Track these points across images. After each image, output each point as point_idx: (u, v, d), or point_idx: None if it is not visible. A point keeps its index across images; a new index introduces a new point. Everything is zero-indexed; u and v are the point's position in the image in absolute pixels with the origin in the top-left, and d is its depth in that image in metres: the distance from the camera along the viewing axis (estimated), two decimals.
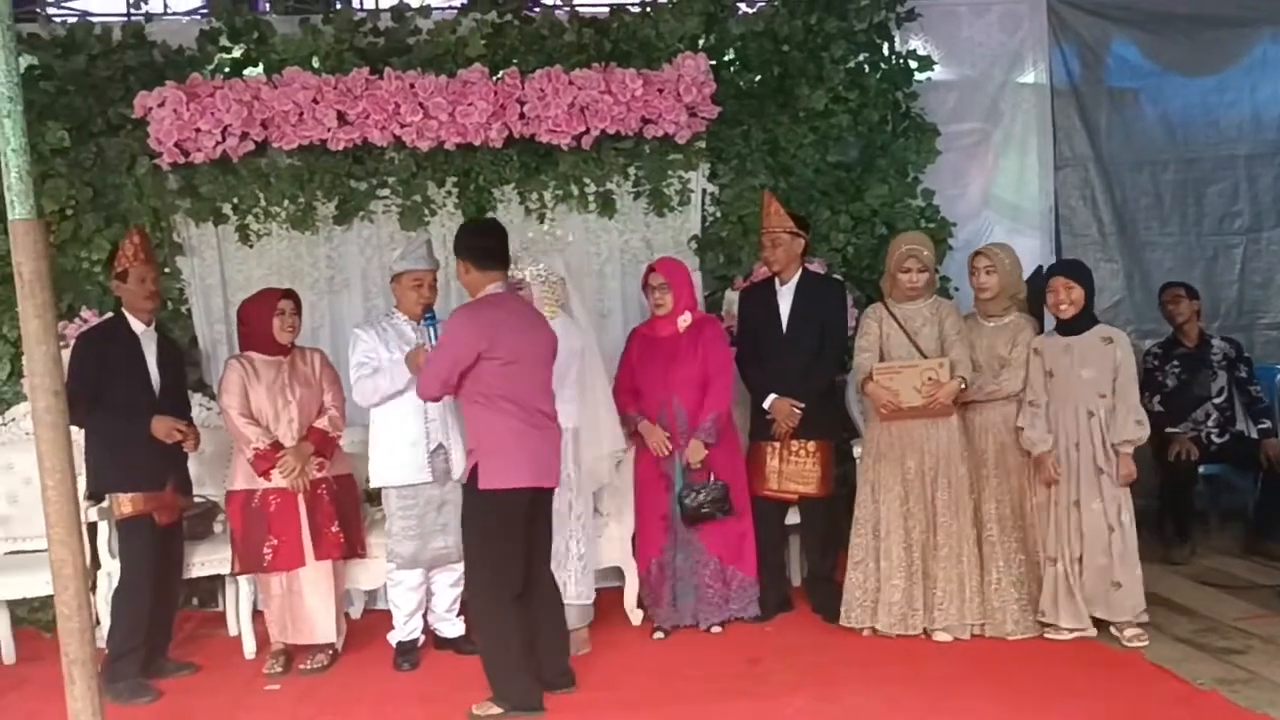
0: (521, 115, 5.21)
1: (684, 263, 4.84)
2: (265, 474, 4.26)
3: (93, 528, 4.38)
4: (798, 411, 4.54)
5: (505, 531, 3.76)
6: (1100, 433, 4.16)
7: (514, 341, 3.75)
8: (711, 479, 4.46)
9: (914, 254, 4.38)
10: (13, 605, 4.90)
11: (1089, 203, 6.45)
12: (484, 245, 3.90)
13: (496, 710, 3.76)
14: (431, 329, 4.36)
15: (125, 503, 4.17)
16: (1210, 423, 5.63)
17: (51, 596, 4.70)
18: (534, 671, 3.89)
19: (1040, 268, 5.39)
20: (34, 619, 5.07)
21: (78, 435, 4.27)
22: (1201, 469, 5.65)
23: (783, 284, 4.70)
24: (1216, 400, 5.66)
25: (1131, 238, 6.47)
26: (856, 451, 4.79)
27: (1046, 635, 4.21)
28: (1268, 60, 6.55)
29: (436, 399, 3.98)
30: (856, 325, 4.70)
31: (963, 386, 4.28)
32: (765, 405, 4.62)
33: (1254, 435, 5.60)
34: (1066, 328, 4.27)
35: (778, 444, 4.60)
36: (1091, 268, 6.26)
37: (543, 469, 3.84)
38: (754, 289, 4.91)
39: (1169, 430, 5.57)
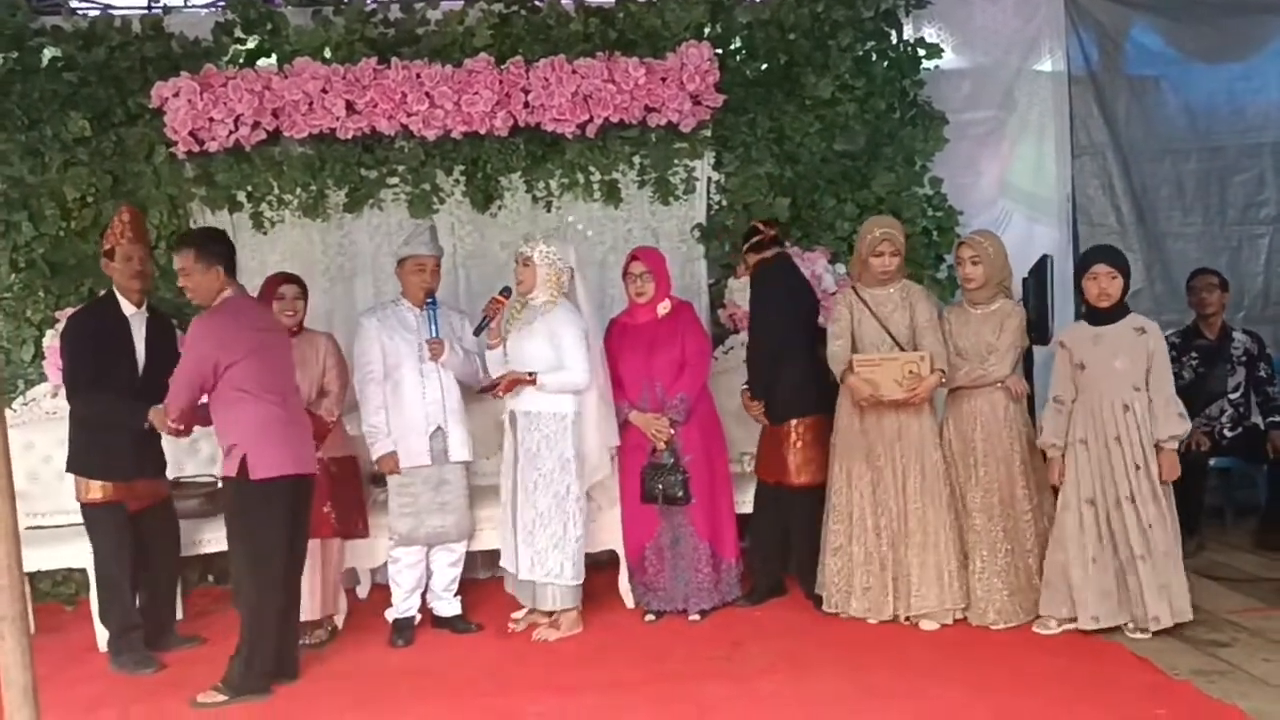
0: (526, 104, 5.29)
1: (661, 251, 4.89)
2: None
3: None
4: (756, 404, 4.63)
5: (274, 519, 3.87)
6: (1137, 428, 4.06)
7: (260, 339, 3.92)
8: (675, 461, 4.51)
9: (889, 237, 4.37)
10: (37, 579, 5.10)
11: (1107, 191, 6.37)
12: (230, 253, 4.05)
13: (220, 698, 3.88)
14: (433, 313, 4.47)
15: (95, 489, 4.24)
16: (1224, 418, 5.55)
17: (74, 570, 4.96)
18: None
19: (1045, 257, 5.33)
20: (56, 593, 5.29)
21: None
22: (1213, 462, 5.57)
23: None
24: (1232, 396, 5.57)
25: (1151, 227, 6.38)
26: None
27: (1035, 629, 4.18)
28: None
29: (190, 406, 3.94)
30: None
31: (942, 380, 4.26)
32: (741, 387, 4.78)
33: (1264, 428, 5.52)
34: (1097, 317, 4.17)
35: (772, 429, 4.64)
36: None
37: (305, 457, 3.99)
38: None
39: None
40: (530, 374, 4.39)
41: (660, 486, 4.52)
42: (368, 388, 4.49)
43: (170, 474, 4.62)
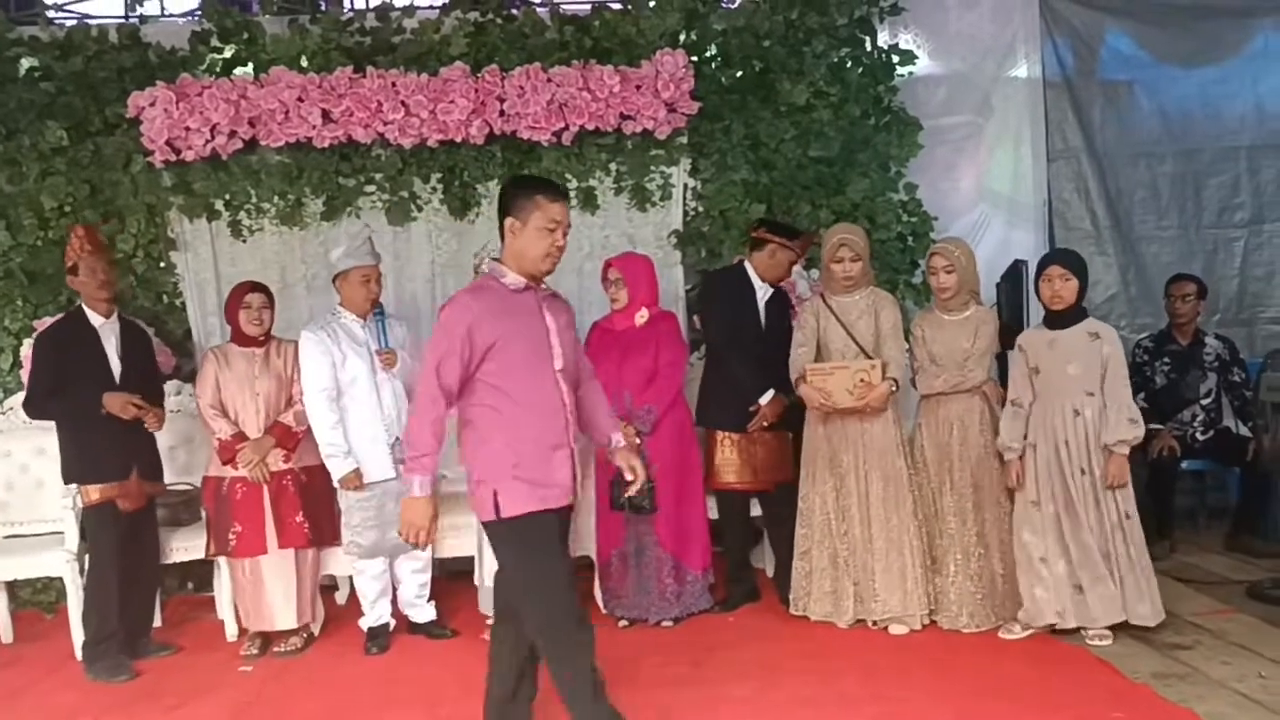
0: (501, 112, 5.32)
1: (648, 258, 4.86)
2: (229, 463, 4.40)
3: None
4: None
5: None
6: (1085, 432, 4.09)
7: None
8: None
9: (846, 243, 4.39)
10: (16, 587, 5.13)
11: (1082, 195, 6.42)
12: None
13: None
14: (383, 323, 4.48)
15: (92, 491, 4.32)
16: (1196, 422, 5.59)
17: (53, 579, 4.99)
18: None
19: (1019, 262, 5.38)
20: (36, 600, 5.31)
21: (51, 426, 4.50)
22: (1186, 465, 5.62)
23: (762, 282, 4.75)
24: (1204, 401, 5.60)
25: (1126, 231, 6.42)
26: None
27: (1001, 635, 4.22)
28: (1269, 51, 6.46)
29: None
30: None
31: (893, 389, 4.29)
32: (763, 400, 4.60)
33: (1242, 433, 5.55)
34: (1053, 321, 4.20)
35: (737, 435, 4.66)
36: (1088, 259, 6.40)
37: None
38: (728, 275, 4.88)
39: (1151, 426, 5.54)
40: None
41: (623, 497, 4.54)
42: (320, 405, 4.38)
43: None
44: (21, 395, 5.17)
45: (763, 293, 4.75)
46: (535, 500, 3.04)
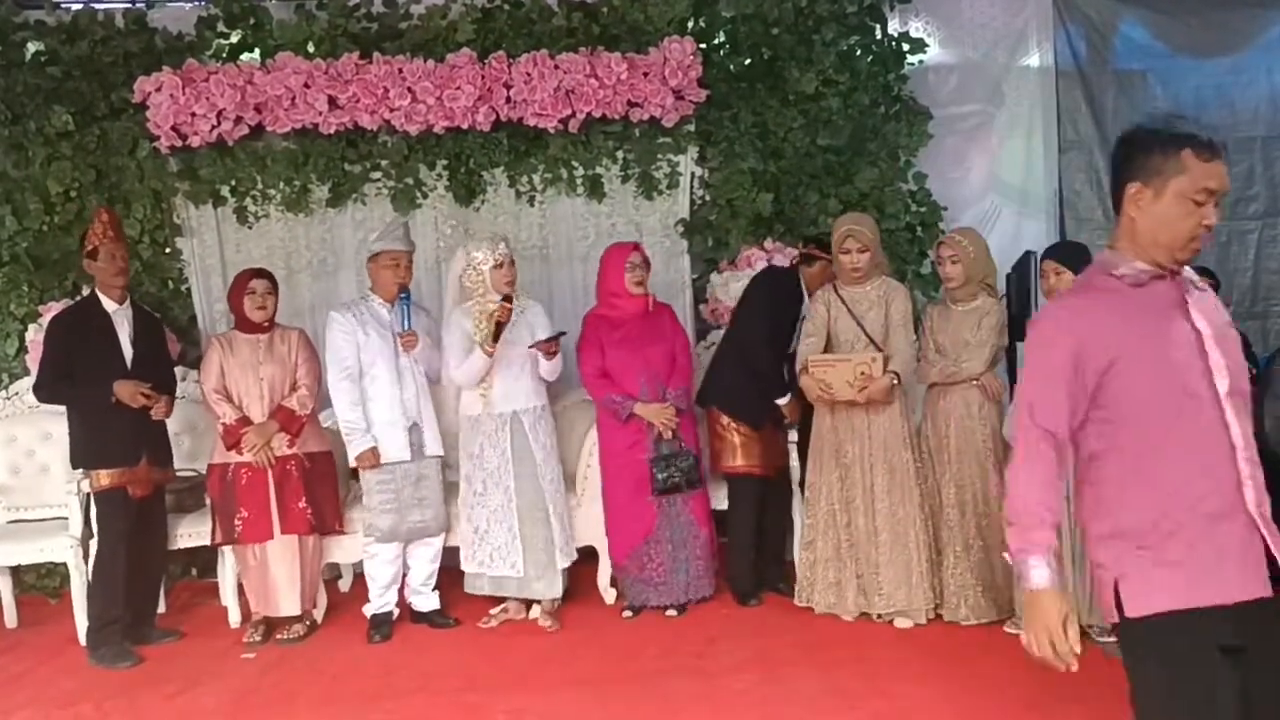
0: (508, 99, 5.29)
1: None
2: (233, 448, 4.40)
3: (89, 498, 4.53)
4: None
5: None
6: None
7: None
8: (682, 447, 4.53)
9: (853, 234, 4.33)
10: (22, 572, 5.13)
11: (1094, 186, 6.30)
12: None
13: None
14: (406, 307, 4.47)
15: (102, 476, 4.32)
16: None
17: (58, 564, 4.99)
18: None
19: (1028, 253, 5.31)
20: (40, 585, 5.32)
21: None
22: None
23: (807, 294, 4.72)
24: None
25: None
26: None
27: (1006, 629, 4.19)
28: None
29: None
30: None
31: (894, 382, 4.24)
32: (782, 402, 4.62)
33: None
34: None
35: (733, 423, 4.65)
36: (1095, 252, 6.34)
37: None
38: (789, 280, 4.76)
39: None
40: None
41: (677, 475, 4.51)
42: (342, 384, 4.47)
43: None
44: (27, 380, 5.20)
45: (806, 305, 4.72)
46: (1180, 594, 2.01)
